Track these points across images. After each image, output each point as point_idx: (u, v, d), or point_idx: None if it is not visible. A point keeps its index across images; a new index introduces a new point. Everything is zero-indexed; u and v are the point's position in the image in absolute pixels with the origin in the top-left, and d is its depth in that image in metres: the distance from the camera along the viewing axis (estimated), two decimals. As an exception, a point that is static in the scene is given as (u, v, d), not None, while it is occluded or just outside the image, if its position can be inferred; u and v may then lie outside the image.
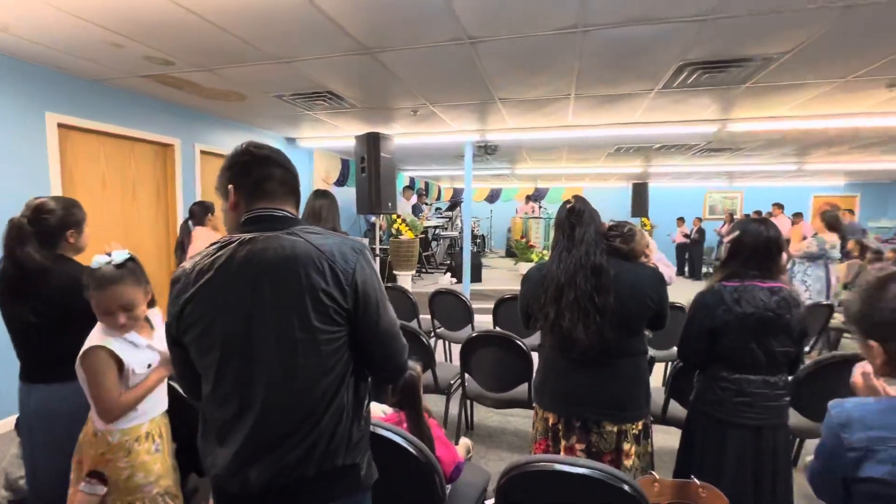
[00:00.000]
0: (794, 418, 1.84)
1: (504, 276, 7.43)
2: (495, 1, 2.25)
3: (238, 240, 0.96)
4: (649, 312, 1.51)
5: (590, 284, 1.47)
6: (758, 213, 9.19)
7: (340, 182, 7.02)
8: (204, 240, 3.16)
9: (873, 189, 10.89)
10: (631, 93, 3.83)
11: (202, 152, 4.63)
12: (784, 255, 1.64)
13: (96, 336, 1.35)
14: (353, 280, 0.92)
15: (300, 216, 1.03)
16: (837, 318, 3.89)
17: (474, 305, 3.79)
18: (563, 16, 2.41)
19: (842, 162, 7.48)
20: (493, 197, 13.28)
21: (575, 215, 1.55)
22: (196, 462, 1.06)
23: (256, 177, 0.98)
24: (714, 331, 1.60)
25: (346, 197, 6.90)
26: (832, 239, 3.91)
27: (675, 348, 2.62)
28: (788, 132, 5.12)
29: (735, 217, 9.48)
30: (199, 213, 3.37)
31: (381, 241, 6.47)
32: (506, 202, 13.11)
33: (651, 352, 2.10)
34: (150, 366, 1.41)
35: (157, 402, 1.46)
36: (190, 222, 3.37)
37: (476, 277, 6.52)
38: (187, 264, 0.98)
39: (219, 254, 0.96)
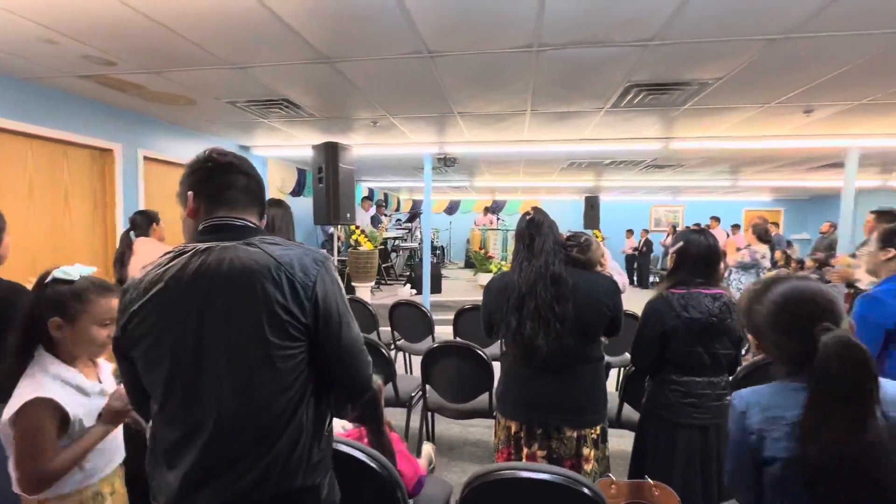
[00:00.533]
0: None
1: (464, 287, 7.48)
2: (454, 17, 2.31)
3: (193, 249, 0.92)
4: (606, 320, 1.55)
5: (550, 293, 1.50)
6: (697, 225, 9.85)
7: (296, 192, 6.91)
8: (146, 252, 2.96)
9: (795, 205, 12.02)
10: (582, 110, 4.03)
11: (146, 158, 4.38)
12: (721, 265, 1.76)
13: (36, 382, 1.10)
14: (313, 293, 0.89)
15: (263, 226, 1.00)
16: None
17: (435, 316, 3.79)
18: (519, 35, 2.51)
19: (769, 179, 8.20)
20: (451, 209, 13.43)
21: (534, 226, 1.58)
22: None
23: (218, 184, 0.95)
24: (664, 336, 1.67)
25: (303, 207, 6.76)
26: (763, 249, 4.25)
27: (627, 354, 2.74)
28: (722, 151, 5.57)
29: (678, 229, 10.12)
30: (142, 223, 3.16)
31: (339, 252, 6.35)
32: (464, 214, 13.30)
33: (606, 358, 2.18)
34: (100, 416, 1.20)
35: (111, 456, 1.23)
36: (132, 233, 3.15)
37: (436, 288, 6.53)
38: (139, 274, 0.93)
39: (171, 264, 0.92)
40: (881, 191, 8.48)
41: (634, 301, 2.66)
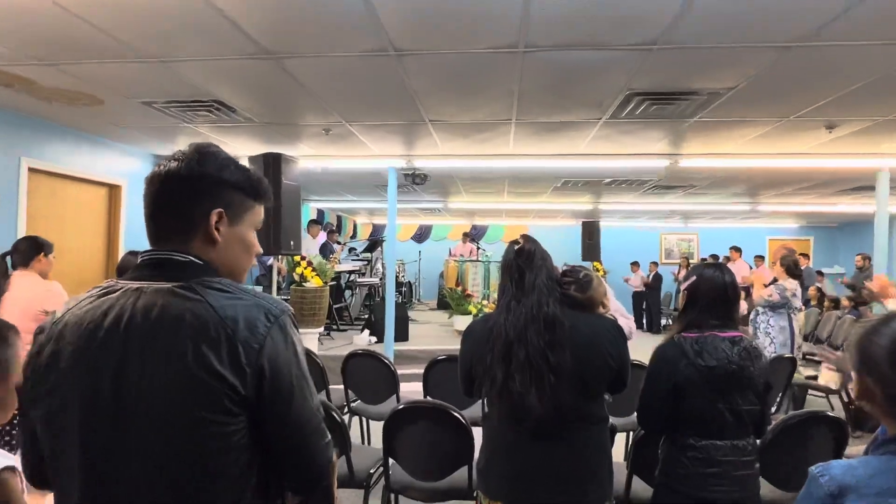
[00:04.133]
0: (764, 488, 1.92)
1: (436, 333, 7.42)
2: (426, 9, 2.41)
3: (121, 289, 0.92)
4: (610, 372, 1.58)
5: (543, 340, 1.52)
6: (714, 257, 10.25)
7: None
8: (24, 288, 2.84)
9: (825, 232, 12.70)
10: (577, 121, 4.21)
11: (32, 170, 4.26)
12: (744, 304, 1.84)
13: None
14: (257, 359, 0.88)
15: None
16: (802, 373, 4.34)
17: (400, 371, 3.75)
18: (503, 33, 2.63)
19: (793, 203, 8.68)
20: (421, 235, 13.53)
21: (524, 257, 1.60)
22: None
23: (155, 204, 0.95)
24: (677, 388, 1.71)
25: None
26: (792, 285, 4.41)
27: (636, 415, 2.75)
28: (737, 170, 5.89)
29: (692, 262, 10.48)
30: (26, 251, 3.04)
31: (279, 289, 6.25)
32: (437, 242, 13.41)
33: (612, 419, 2.19)
34: None
35: None
36: (9, 259, 3.02)
37: (401, 335, 6.48)
38: (59, 312, 0.93)
39: (92, 305, 0.91)
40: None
41: (643, 349, 2.71)
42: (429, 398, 3.22)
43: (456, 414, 2.34)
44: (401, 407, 2.45)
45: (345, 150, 5.31)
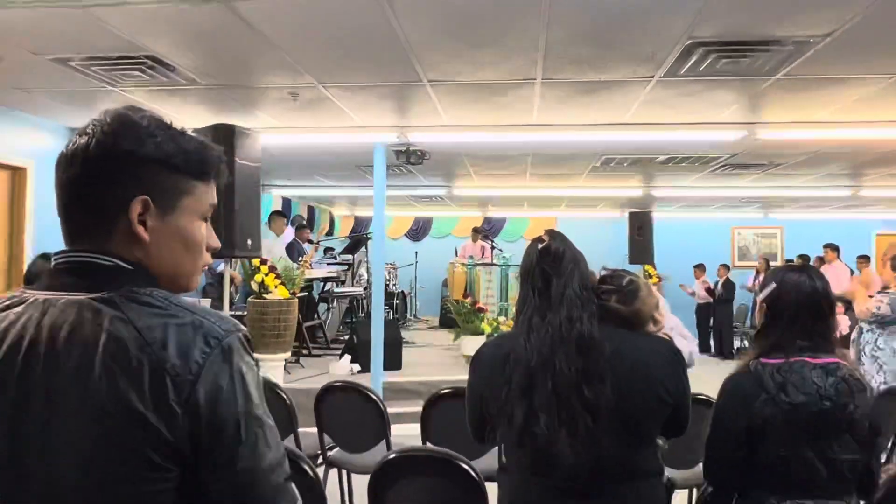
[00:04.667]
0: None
1: (438, 360, 7.41)
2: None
3: (27, 301, 0.93)
4: (664, 410, 1.58)
5: (575, 367, 1.52)
6: (804, 258, 10.19)
7: None
8: None
9: (951, 226, 12.61)
10: (622, 80, 4.20)
11: None
12: (843, 319, 1.83)
13: None
14: (190, 395, 0.87)
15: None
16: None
17: (391, 409, 3.75)
18: (524, -35, 2.63)
19: (909, 187, 8.63)
20: (419, 231, 13.54)
21: (550, 260, 1.61)
22: None
23: (65, 194, 0.95)
24: (754, 432, 1.69)
25: None
26: (908, 295, 4.36)
27: (700, 465, 2.73)
28: (834, 144, 5.85)
29: (773, 265, 10.40)
30: None
31: (232, 303, 6.25)
32: (440, 240, 13.40)
33: (667, 471, 2.18)
34: None
35: None
36: None
37: (393, 362, 6.45)
38: None
39: None
40: None
41: (709, 379, 2.70)
42: (429, 444, 3.20)
43: (464, 465, 2.34)
44: (392, 456, 2.44)
45: (318, 121, 5.30)
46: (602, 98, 4.60)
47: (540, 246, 1.64)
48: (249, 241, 4.33)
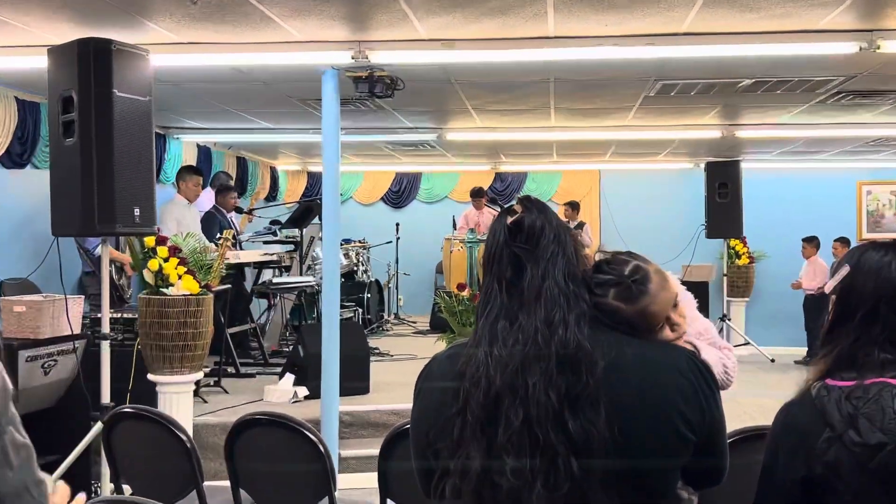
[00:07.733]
0: None
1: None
2: None
3: None
4: (684, 450, 1.38)
5: (556, 391, 1.33)
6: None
7: (18, 157, 6.16)
8: None
9: None
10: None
11: None
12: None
13: None
14: None
15: None
16: None
17: (350, 452, 3.39)
18: None
19: None
20: (401, 194, 11.76)
21: (524, 239, 1.44)
22: None
23: None
24: (814, 482, 1.51)
25: (32, 193, 6.08)
26: None
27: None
28: None
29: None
30: None
31: (122, 300, 5.74)
32: (430, 204, 11.69)
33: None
34: None
35: None
36: None
37: (357, 384, 5.75)
38: None
39: None
40: None
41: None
42: (390, 502, 2.90)
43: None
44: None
45: (237, 35, 4.40)
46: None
47: (509, 220, 1.44)
48: (137, 211, 3.73)
